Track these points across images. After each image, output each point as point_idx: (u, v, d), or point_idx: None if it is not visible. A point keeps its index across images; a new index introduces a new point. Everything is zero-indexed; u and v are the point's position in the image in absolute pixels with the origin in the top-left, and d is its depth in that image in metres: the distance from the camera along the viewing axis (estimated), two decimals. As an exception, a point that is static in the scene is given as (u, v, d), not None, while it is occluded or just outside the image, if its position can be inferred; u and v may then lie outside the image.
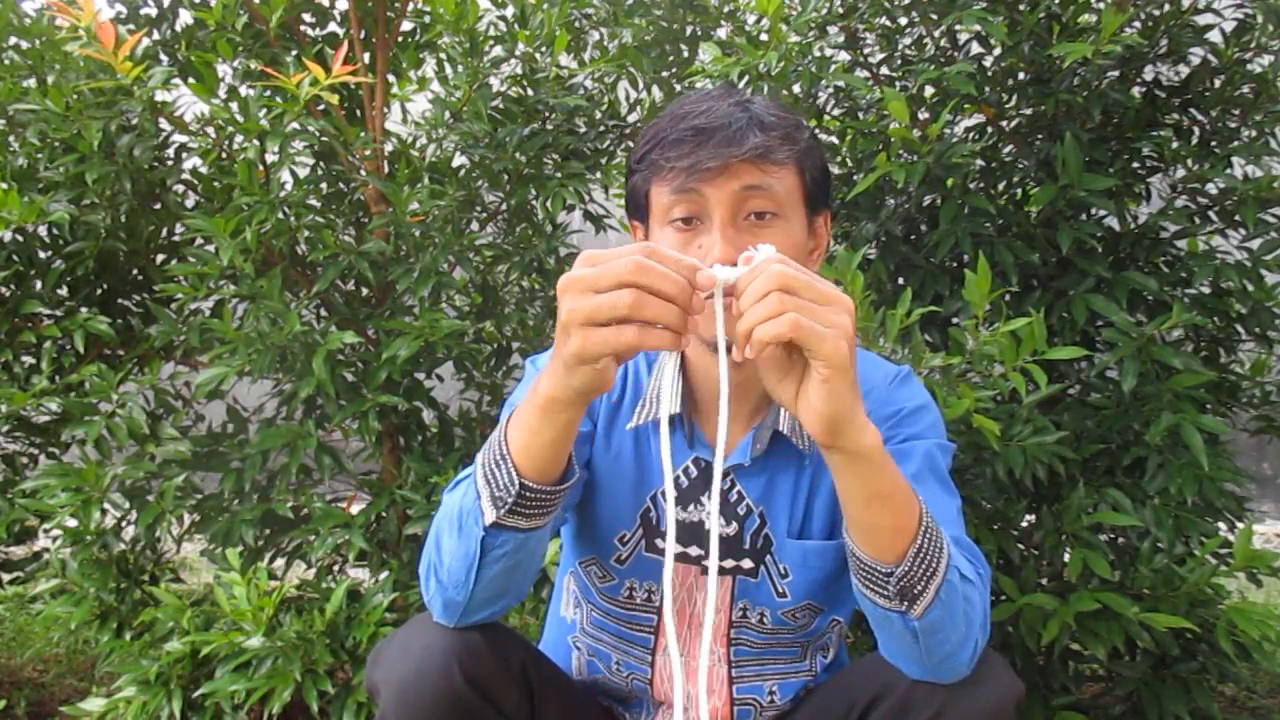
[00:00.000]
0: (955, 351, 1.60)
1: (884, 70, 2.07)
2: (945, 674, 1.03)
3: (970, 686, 1.03)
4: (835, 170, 2.09)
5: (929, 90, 1.96)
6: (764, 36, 1.90)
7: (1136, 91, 1.92)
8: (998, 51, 1.94)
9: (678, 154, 1.06)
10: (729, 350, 0.90)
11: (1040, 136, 1.96)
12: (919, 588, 0.96)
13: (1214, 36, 1.91)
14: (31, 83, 1.96)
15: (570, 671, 1.32)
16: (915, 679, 1.04)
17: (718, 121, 1.06)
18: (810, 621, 1.23)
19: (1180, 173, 1.96)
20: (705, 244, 1.05)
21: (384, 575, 1.92)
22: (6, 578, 2.28)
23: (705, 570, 1.20)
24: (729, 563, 1.20)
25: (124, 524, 2.06)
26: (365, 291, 2.15)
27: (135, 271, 2.26)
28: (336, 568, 2.14)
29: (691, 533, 1.20)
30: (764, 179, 1.06)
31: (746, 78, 1.78)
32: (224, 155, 1.96)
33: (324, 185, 2.14)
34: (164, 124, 1.98)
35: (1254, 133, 1.88)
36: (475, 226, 2.21)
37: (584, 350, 0.85)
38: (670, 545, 0.95)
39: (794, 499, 1.19)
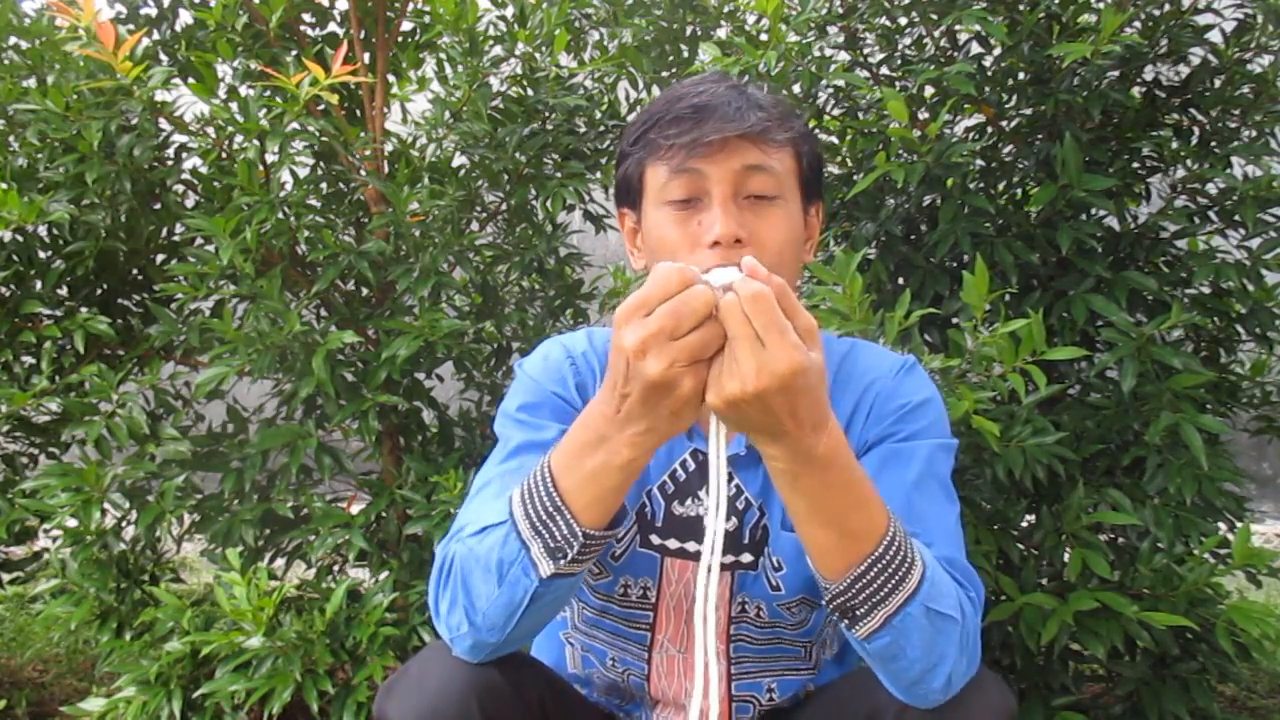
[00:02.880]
0: (955, 352, 1.60)
1: (884, 70, 2.07)
2: (916, 699, 1.00)
3: (961, 708, 1.01)
4: (835, 170, 2.09)
5: (929, 90, 1.96)
6: (764, 36, 1.90)
7: (1136, 91, 1.92)
8: (998, 51, 1.94)
9: (677, 131, 1.04)
10: None
11: (1040, 136, 1.96)
12: (860, 611, 0.94)
13: (1214, 36, 1.91)
14: (31, 83, 1.96)
15: (565, 666, 1.31)
16: (903, 701, 1.02)
17: (717, 100, 1.05)
18: (808, 617, 1.21)
19: (1180, 173, 1.96)
20: (705, 221, 1.04)
21: (384, 575, 1.92)
22: (6, 578, 2.28)
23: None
24: (728, 557, 1.18)
25: (124, 524, 2.06)
26: (365, 291, 2.15)
27: (135, 271, 2.26)
28: (336, 568, 2.14)
29: (689, 527, 1.18)
30: (764, 159, 1.05)
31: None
32: (224, 155, 1.96)
33: (324, 185, 2.14)
34: (164, 124, 1.98)
35: (1254, 133, 1.88)
36: (475, 226, 2.21)
37: (694, 394, 0.84)
38: (716, 556, 0.90)
39: None
